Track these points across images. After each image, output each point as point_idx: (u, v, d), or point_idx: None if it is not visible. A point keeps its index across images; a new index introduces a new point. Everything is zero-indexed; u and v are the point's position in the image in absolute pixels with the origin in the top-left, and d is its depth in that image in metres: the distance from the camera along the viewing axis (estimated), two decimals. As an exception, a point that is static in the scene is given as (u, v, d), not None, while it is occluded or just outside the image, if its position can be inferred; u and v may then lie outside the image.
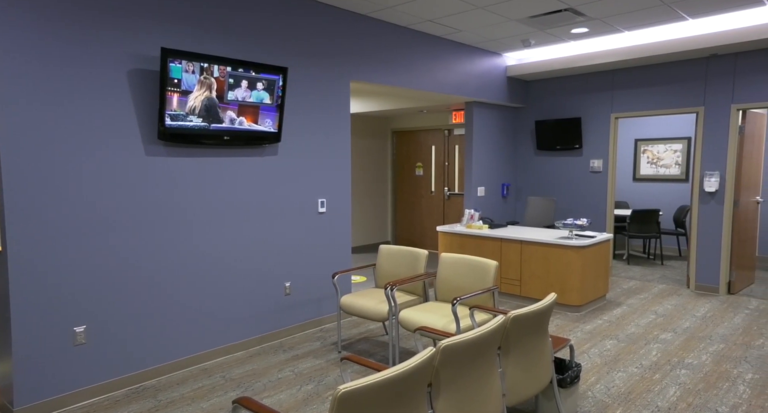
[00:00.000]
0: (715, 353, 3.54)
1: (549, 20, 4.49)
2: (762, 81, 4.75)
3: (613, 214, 5.87)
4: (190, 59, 3.03)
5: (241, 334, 3.64)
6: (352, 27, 4.20)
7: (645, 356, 3.50)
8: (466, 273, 3.33)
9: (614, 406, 2.79)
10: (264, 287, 3.77)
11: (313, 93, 3.97)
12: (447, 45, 5.15)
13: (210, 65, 3.14)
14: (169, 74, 2.96)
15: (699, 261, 5.21)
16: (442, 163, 7.33)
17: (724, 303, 4.76)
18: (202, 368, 3.37)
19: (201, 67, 3.09)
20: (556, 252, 4.47)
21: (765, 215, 6.58)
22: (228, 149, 3.48)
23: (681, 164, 7.13)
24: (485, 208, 6.18)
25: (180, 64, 3.00)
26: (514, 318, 2.16)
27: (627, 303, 4.79)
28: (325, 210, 4.15)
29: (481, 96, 5.67)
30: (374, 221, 7.80)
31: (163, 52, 2.91)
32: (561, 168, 6.26)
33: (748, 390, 2.96)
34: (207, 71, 3.13)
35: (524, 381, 2.26)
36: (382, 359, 3.52)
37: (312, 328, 4.13)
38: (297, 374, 3.27)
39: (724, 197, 5.02)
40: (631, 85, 5.61)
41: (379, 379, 1.53)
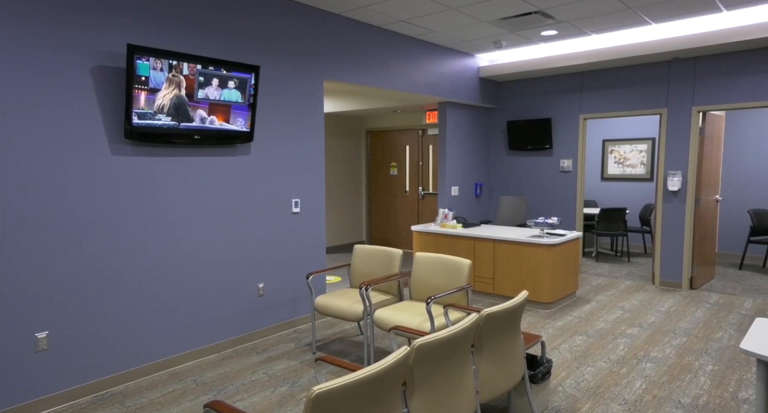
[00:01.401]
0: (678, 346, 3.67)
1: (519, 22, 4.57)
2: (720, 84, 4.96)
3: (582, 213, 6.02)
4: (158, 56, 2.96)
5: (213, 337, 3.58)
6: (325, 26, 4.17)
7: (613, 351, 3.60)
8: (440, 273, 3.36)
9: (584, 400, 2.86)
10: (237, 289, 3.71)
11: (286, 92, 3.93)
12: (420, 45, 5.18)
13: (179, 63, 3.07)
14: (136, 71, 2.88)
15: (663, 257, 5.39)
16: (417, 163, 7.37)
17: (686, 298, 4.94)
18: (173, 372, 3.29)
19: (170, 64, 3.02)
20: (527, 250, 4.55)
21: (723, 213, 6.87)
22: (199, 149, 3.41)
23: (646, 164, 7.37)
24: (459, 208, 6.25)
25: (147, 61, 2.92)
26: (487, 316, 2.19)
27: (596, 300, 4.92)
28: (299, 210, 4.11)
29: (454, 96, 5.72)
30: (349, 221, 7.78)
31: (130, 49, 2.83)
32: (532, 168, 6.38)
33: (708, 381, 3.08)
34: (176, 69, 3.06)
35: (497, 378, 2.30)
36: (357, 359, 3.52)
37: (286, 329, 4.09)
38: (271, 376, 3.23)
39: (686, 196, 5.22)
40: (599, 87, 5.76)
41: (353, 379, 1.52)
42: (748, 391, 2.95)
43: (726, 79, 4.92)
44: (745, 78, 4.82)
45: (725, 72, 4.92)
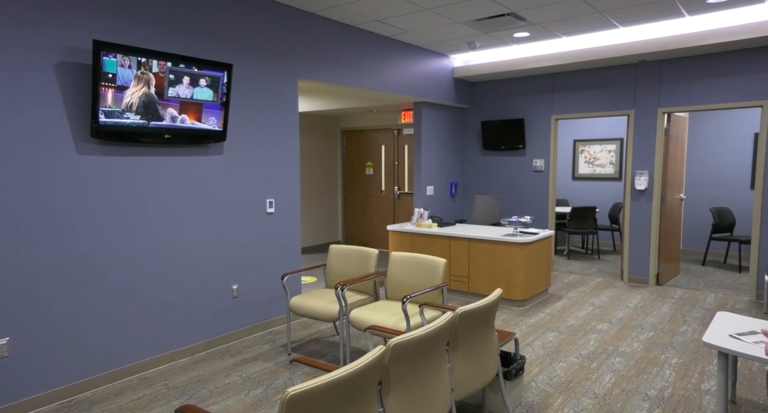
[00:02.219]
0: (645, 341, 3.79)
1: (493, 24, 4.63)
2: (684, 86, 5.14)
3: (554, 212, 6.15)
4: (125, 53, 2.88)
5: (185, 340, 3.50)
6: (299, 25, 4.14)
7: (584, 346, 3.69)
8: (415, 272, 3.37)
9: (555, 395, 2.92)
10: (210, 290, 3.64)
11: (260, 91, 3.88)
12: (395, 45, 5.19)
13: (148, 60, 2.99)
14: (103, 68, 2.79)
15: (631, 254, 5.55)
16: (392, 163, 7.39)
17: (653, 294, 5.10)
18: (143, 377, 3.21)
19: (138, 61, 2.94)
20: (501, 249, 4.62)
21: (687, 211, 7.12)
22: (170, 148, 3.33)
23: (615, 164, 7.58)
24: (434, 207, 6.29)
25: (115, 57, 2.84)
26: (461, 314, 2.21)
27: (567, 297, 5.03)
28: (273, 210, 4.07)
29: (429, 96, 5.76)
30: (324, 221, 7.74)
31: (96, 45, 2.74)
32: (506, 167, 6.48)
33: (674, 374, 3.19)
34: (145, 66, 2.98)
35: (472, 375, 2.33)
36: (333, 360, 3.50)
37: (261, 331, 4.04)
38: (245, 378, 3.18)
39: (653, 195, 5.39)
40: (570, 88, 5.89)
41: (328, 380, 1.52)
42: (710, 382, 3.06)
43: (689, 82, 5.10)
44: (707, 81, 5.01)
45: (689, 75, 5.10)
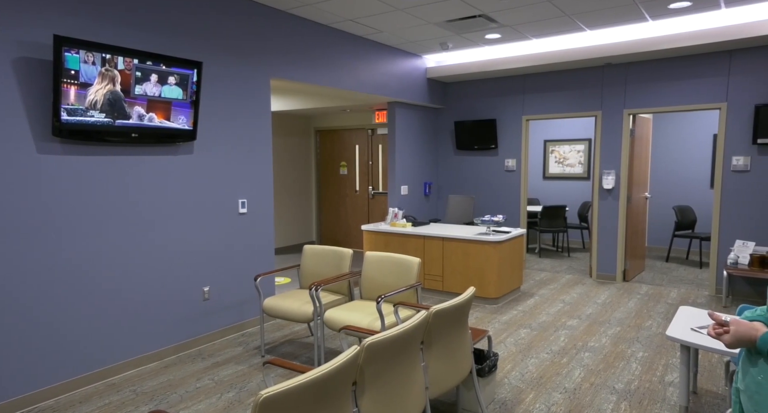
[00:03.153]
0: (613, 336, 3.90)
1: (464, 25, 4.68)
2: (648, 89, 5.31)
3: (525, 211, 6.26)
4: (89, 49, 2.79)
5: (154, 344, 3.42)
6: (271, 23, 4.09)
7: (554, 342, 3.77)
8: (390, 271, 3.38)
9: (528, 391, 2.98)
10: (180, 293, 3.56)
11: (231, 89, 3.81)
12: (369, 45, 5.19)
13: (113, 56, 2.90)
14: (65, 64, 2.69)
15: (599, 252, 5.71)
16: (366, 162, 7.38)
17: (620, 290, 5.26)
18: (110, 383, 3.11)
19: (102, 57, 2.85)
20: (475, 247, 4.68)
21: (652, 209, 7.37)
22: (137, 147, 3.24)
23: (583, 163, 7.77)
24: (409, 207, 6.32)
25: (77, 53, 2.74)
26: (435, 312, 2.23)
27: (539, 294, 5.14)
28: (245, 210, 4.01)
29: (402, 96, 5.78)
30: (298, 221, 7.68)
31: (57, 40, 2.64)
32: (479, 167, 6.56)
33: (639, 367, 3.30)
34: (110, 63, 2.89)
35: (446, 373, 2.35)
36: (308, 361, 3.48)
37: (233, 333, 3.98)
38: (217, 382, 3.13)
39: (620, 193, 5.55)
40: (540, 89, 6.01)
41: (302, 381, 1.50)
42: (674, 374, 3.18)
43: (653, 84, 5.28)
44: (669, 83, 5.19)
45: (652, 77, 5.28)
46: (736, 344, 1.22)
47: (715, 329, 1.26)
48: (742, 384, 1.26)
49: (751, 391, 1.22)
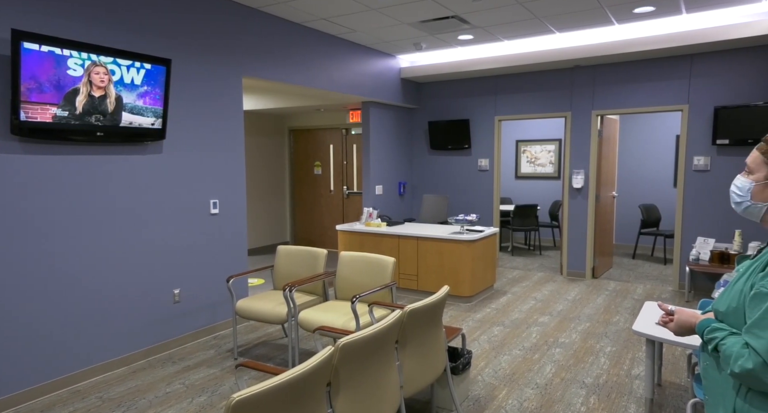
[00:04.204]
0: (582, 331, 4.00)
1: (438, 26, 4.72)
2: (615, 90, 5.47)
3: (498, 210, 6.36)
4: (51, 44, 2.69)
5: (122, 349, 3.32)
6: (243, 21, 4.03)
7: (526, 339, 3.84)
8: (365, 271, 3.38)
9: (501, 387, 3.03)
10: (149, 296, 3.47)
11: (202, 88, 3.74)
12: (343, 44, 5.18)
13: (78, 52, 2.80)
14: (23, 59, 2.58)
15: (569, 250, 5.85)
16: (341, 162, 7.36)
17: (589, 287, 5.40)
18: (74, 390, 3.01)
19: (65, 53, 2.75)
20: (449, 246, 4.72)
21: (619, 208, 7.59)
22: (103, 146, 3.14)
23: (554, 163, 7.95)
24: (383, 206, 6.33)
25: (38, 49, 2.63)
26: (410, 312, 2.24)
27: (511, 291, 5.22)
28: (217, 211, 3.94)
29: (376, 96, 5.78)
30: (272, 221, 7.59)
31: (15, 35, 2.54)
32: (452, 167, 6.63)
33: (608, 362, 3.40)
34: (74, 59, 2.79)
35: (420, 372, 2.36)
36: (282, 362, 3.44)
37: (205, 336, 3.90)
38: (188, 386, 3.06)
39: (588, 193, 5.70)
40: (512, 90, 6.11)
41: (275, 383, 1.49)
42: (639, 368, 3.29)
43: (619, 86, 5.44)
44: (635, 85, 5.36)
45: (619, 79, 5.44)
46: (679, 331, 1.32)
47: (663, 318, 1.37)
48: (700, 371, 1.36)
49: (702, 377, 1.31)
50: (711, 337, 1.21)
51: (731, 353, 1.12)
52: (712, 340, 1.20)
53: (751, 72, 4.77)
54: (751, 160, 1.25)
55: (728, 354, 1.13)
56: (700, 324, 1.26)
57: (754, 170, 1.23)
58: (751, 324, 1.10)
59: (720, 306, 1.23)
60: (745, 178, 1.25)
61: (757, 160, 1.22)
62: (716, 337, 1.19)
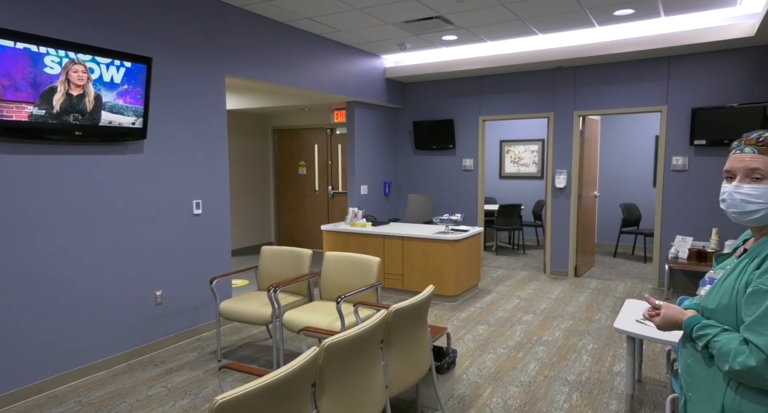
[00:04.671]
0: (565, 329, 4.05)
1: (422, 26, 4.74)
2: (596, 91, 5.55)
3: (483, 209, 6.40)
4: (27, 41, 2.62)
5: (102, 352, 3.26)
6: (226, 19, 3.99)
7: (511, 337, 3.88)
8: (350, 271, 3.37)
9: (485, 386, 3.05)
10: (130, 298, 3.41)
11: (184, 87, 3.69)
12: (327, 44, 5.16)
13: (56, 50, 2.74)
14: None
15: (553, 249, 5.92)
16: (326, 162, 7.33)
17: (572, 285, 5.47)
18: (52, 395, 2.94)
19: (41, 50, 2.69)
20: (434, 246, 4.74)
21: (600, 207, 7.71)
22: (81, 146, 3.08)
23: (537, 163, 8.04)
24: (368, 206, 6.32)
25: (14, 46, 2.57)
26: (395, 311, 2.24)
27: (496, 290, 5.27)
28: (200, 211, 3.89)
29: (361, 96, 5.78)
30: (256, 222, 7.53)
31: (-9, 31, 2.48)
32: (437, 167, 6.65)
33: (590, 359, 3.45)
34: (51, 56, 2.73)
35: (405, 371, 2.37)
36: (266, 364, 3.42)
37: (188, 338, 3.85)
38: (170, 389, 3.02)
39: (571, 192, 5.78)
40: (496, 91, 6.16)
41: (259, 385, 1.47)
42: (621, 364, 3.34)
43: (601, 87, 5.53)
44: (615, 86, 5.45)
45: (600, 81, 5.52)
46: (665, 326, 1.30)
47: (649, 312, 1.36)
48: (679, 366, 1.35)
49: (683, 373, 1.30)
50: (702, 334, 1.19)
51: (729, 350, 1.11)
52: (703, 337, 1.19)
53: (726, 74, 4.89)
54: (763, 164, 1.17)
55: (725, 351, 1.12)
56: (689, 320, 1.24)
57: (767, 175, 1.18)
58: (752, 321, 1.10)
59: (709, 303, 1.23)
60: (758, 184, 1.18)
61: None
62: (708, 334, 1.18)
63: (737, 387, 1.14)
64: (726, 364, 1.12)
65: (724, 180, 1.28)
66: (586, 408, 2.75)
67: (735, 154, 1.24)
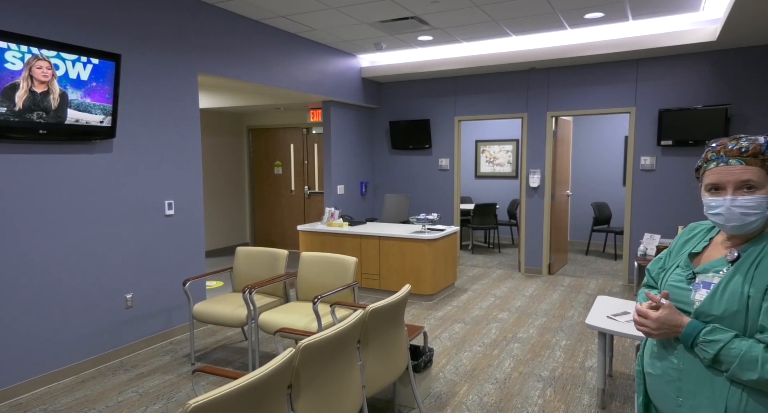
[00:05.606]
0: (539, 326, 4.13)
1: (397, 26, 4.75)
2: (568, 93, 5.67)
3: (459, 209, 6.46)
4: (-12, 35, 2.52)
5: (69, 358, 3.15)
6: (198, 16, 3.91)
7: (486, 335, 3.93)
8: (326, 271, 3.35)
9: (461, 383, 3.08)
10: (99, 301, 3.31)
11: (155, 84, 3.60)
12: (302, 43, 5.12)
13: (19, 45, 2.64)
14: (-42, 51, 2.41)
15: (527, 247, 6.02)
16: (302, 162, 7.28)
17: (546, 283, 5.58)
18: (15, 403, 2.83)
19: (6, 46, 2.59)
20: (410, 246, 4.76)
21: (573, 206, 7.88)
22: (46, 145, 2.97)
23: (512, 163, 8.16)
24: (345, 206, 6.30)
25: (-26, 39, 2.47)
26: (372, 311, 2.24)
27: (472, 289, 5.32)
28: (173, 212, 3.81)
29: (337, 95, 5.75)
30: (231, 222, 7.41)
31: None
32: (414, 166, 6.68)
33: (563, 355, 3.52)
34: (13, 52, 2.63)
35: (382, 371, 2.37)
36: (242, 366, 3.37)
37: (160, 342, 3.76)
38: (142, 394, 2.95)
39: (545, 191, 5.88)
40: (471, 91, 6.22)
41: (234, 388, 1.45)
42: (592, 360, 3.42)
43: (573, 89, 5.65)
44: (586, 88, 5.58)
45: (572, 82, 5.64)
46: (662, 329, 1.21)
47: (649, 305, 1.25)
48: (653, 368, 1.29)
49: (671, 378, 1.24)
50: (712, 339, 1.14)
51: (754, 357, 1.09)
52: (713, 342, 1.14)
53: (691, 77, 5.06)
54: (754, 175, 1.16)
55: (750, 359, 1.09)
56: (692, 325, 1.19)
57: (761, 185, 1.16)
58: None
59: (714, 309, 1.17)
60: (753, 195, 1.16)
61: (761, 175, 1.16)
62: (720, 340, 1.13)
63: (742, 389, 1.12)
64: (754, 373, 1.09)
65: (706, 192, 1.23)
66: (559, 404, 2.81)
67: (719, 166, 1.20)
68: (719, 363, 1.14)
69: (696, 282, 1.25)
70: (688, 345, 1.19)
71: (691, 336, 1.18)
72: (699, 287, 1.23)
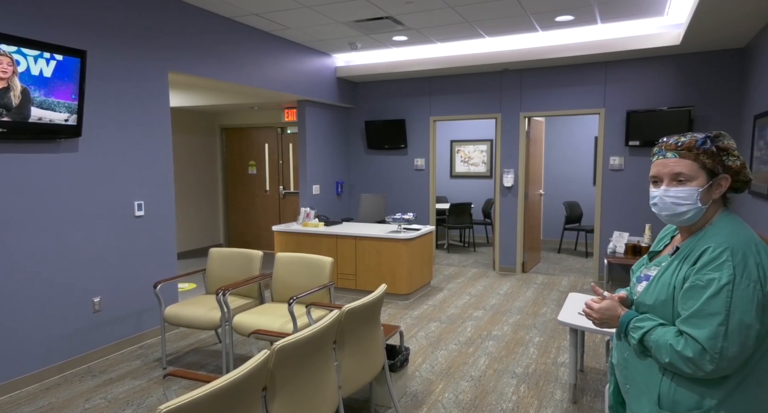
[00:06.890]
0: (513, 324, 4.19)
1: (372, 26, 4.75)
2: (540, 94, 5.78)
3: (434, 208, 6.51)
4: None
5: (32, 365, 3.04)
6: (168, 13, 3.82)
7: (462, 333, 3.97)
8: (302, 272, 3.33)
9: (437, 382, 3.10)
10: (64, 306, 3.20)
11: (123, 82, 3.50)
12: (276, 41, 5.06)
13: (-25, 38, 2.53)
14: None
15: (501, 246, 6.10)
16: (277, 162, 7.20)
17: (520, 281, 5.67)
18: (-22, 414, 2.72)
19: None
20: (386, 245, 4.76)
21: (545, 205, 8.04)
22: (7, 144, 2.86)
23: (486, 163, 8.26)
24: (321, 206, 6.27)
25: (-73, 33, 2.35)
26: (348, 311, 2.24)
27: (447, 288, 5.37)
28: (143, 213, 3.71)
29: (311, 95, 5.71)
30: (204, 223, 7.27)
31: None
32: (389, 166, 6.69)
33: (536, 352, 3.59)
34: (-29, 46, 2.52)
35: (359, 371, 2.36)
36: (216, 369, 3.31)
37: (130, 346, 3.67)
38: (110, 400, 2.86)
39: (518, 191, 5.98)
40: (446, 92, 6.28)
41: (207, 392, 1.43)
42: (564, 356, 3.50)
43: (545, 90, 5.76)
44: (558, 89, 5.69)
45: (544, 83, 5.75)
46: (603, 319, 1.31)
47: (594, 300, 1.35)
48: (614, 358, 1.39)
49: (621, 366, 1.34)
50: (637, 326, 1.23)
51: (665, 342, 1.16)
52: (637, 329, 1.22)
53: (657, 79, 5.23)
54: (686, 168, 1.22)
55: (662, 343, 1.16)
56: (626, 315, 1.28)
57: (691, 177, 1.22)
58: (689, 314, 1.14)
59: (647, 299, 1.26)
60: (683, 187, 1.22)
61: (694, 168, 1.22)
62: (643, 326, 1.21)
63: (672, 377, 1.19)
64: (665, 356, 1.16)
65: (650, 185, 1.31)
66: (532, 399, 2.86)
67: (658, 159, 1.28)
68: (646, 349, 1.23)
69: (640, 276, 1.35)
70: (622, 332, 1.29)
71: (624, 324, 1.28)
72: (642, 280, 1.33)
